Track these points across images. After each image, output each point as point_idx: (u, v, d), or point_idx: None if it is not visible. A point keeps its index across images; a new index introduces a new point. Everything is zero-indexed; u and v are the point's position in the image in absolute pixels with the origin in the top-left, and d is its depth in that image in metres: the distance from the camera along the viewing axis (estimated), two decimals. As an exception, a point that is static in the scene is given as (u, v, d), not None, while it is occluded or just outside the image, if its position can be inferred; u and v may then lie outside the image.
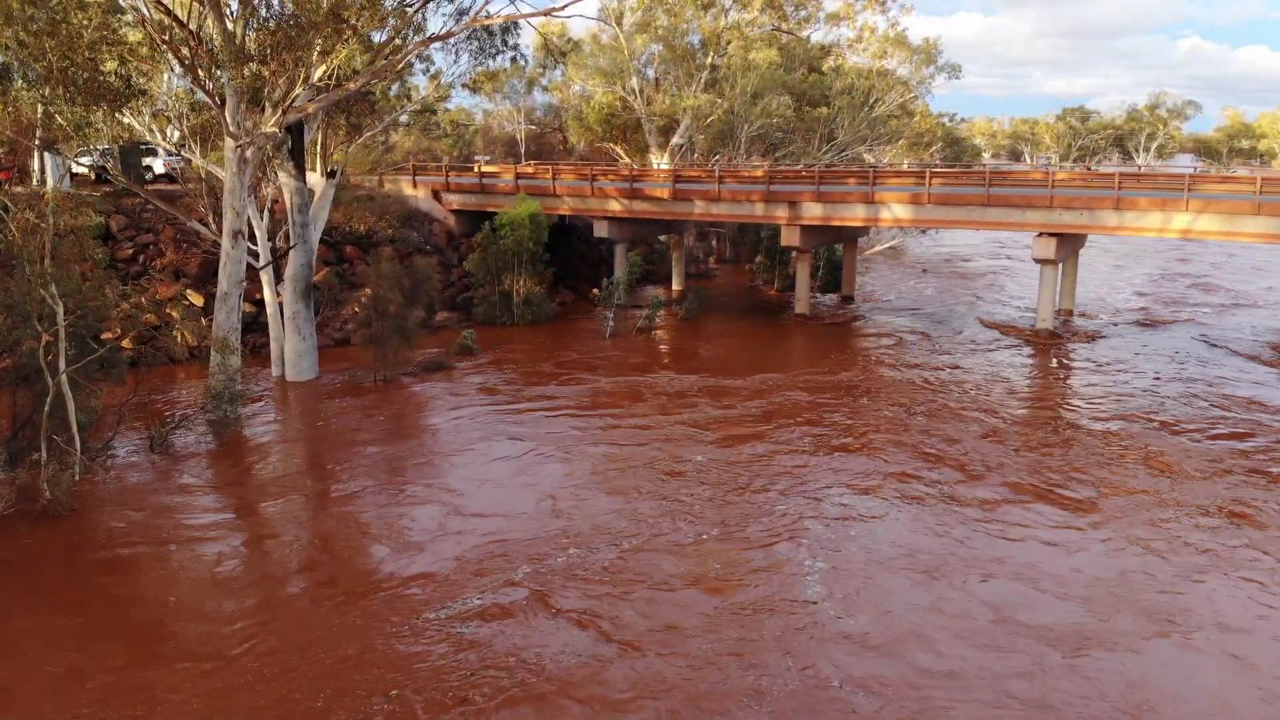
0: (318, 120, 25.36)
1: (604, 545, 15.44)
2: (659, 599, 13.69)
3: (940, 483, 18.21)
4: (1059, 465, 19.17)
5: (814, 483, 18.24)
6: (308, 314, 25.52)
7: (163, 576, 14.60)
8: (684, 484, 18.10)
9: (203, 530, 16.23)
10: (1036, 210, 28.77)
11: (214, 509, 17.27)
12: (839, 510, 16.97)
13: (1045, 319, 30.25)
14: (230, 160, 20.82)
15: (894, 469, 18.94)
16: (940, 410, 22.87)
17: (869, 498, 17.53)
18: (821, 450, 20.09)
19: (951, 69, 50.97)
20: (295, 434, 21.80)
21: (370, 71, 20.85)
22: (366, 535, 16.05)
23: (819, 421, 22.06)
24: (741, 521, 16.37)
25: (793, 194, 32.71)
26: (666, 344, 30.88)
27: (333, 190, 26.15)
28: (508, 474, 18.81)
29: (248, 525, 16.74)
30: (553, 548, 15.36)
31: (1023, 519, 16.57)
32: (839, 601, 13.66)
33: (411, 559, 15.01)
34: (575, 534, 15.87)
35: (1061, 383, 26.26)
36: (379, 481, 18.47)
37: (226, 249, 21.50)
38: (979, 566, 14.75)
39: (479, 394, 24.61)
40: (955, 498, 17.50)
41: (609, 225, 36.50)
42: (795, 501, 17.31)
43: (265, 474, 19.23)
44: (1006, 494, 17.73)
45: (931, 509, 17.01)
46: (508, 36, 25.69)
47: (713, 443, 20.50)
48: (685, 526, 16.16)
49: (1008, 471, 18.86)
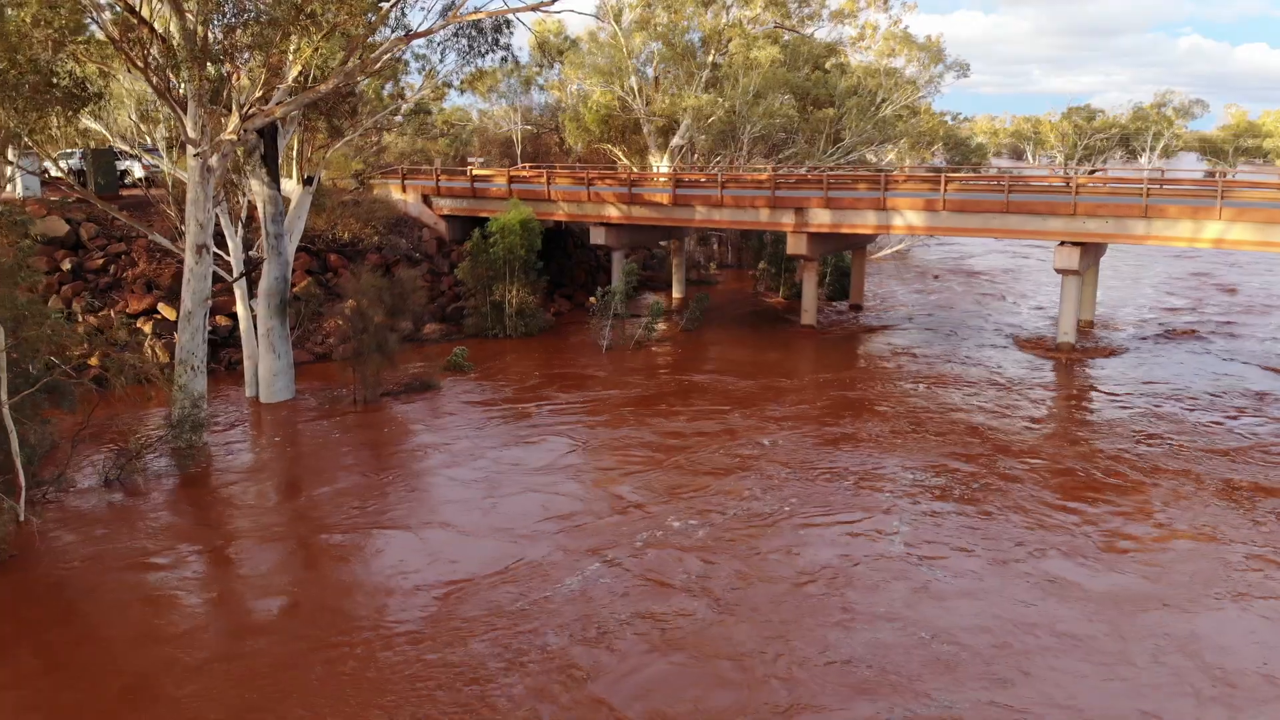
0: (293, 124, 23.70)
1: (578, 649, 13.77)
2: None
3: (1036, 560, 16.56)
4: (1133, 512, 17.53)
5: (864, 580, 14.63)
6: (283, 331, 23.88)
7: (106, 636, 12.97)
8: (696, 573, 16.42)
9: (153, 579, 14.60)
10: (1059, 218, 27.11)
11: (168, 553, 15.61)
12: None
13: (1068, 332, 28.58)
14: (193, 169, 19.17)
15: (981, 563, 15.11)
16: (988, 478, 19.58)
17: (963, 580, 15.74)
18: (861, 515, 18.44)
19: (960, 67, 49.27)
20: (265, 464, 20.14)
21: (342, 71, 19.18)
22: (339, 588, 14.42)
23: (847, 472, 20.41)
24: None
25: (799, 200, 31.04)
26: (666, 360, 29.19)
27: (309, 198, 24.51)
28: (488, 524, 17.18)
29: (207, 573, 15.08)
30: (517, 626, 13.72)
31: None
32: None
33: (393, 607, 13.38)
34: (545, 614, 14.14)
35: (1097, 407, 24.45)
36: (352, 523, 16.82)
37: (190, 264, 19.86)
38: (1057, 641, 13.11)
39: (464, 420, 22.95)
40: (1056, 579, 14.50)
41: (606, 232, 34.86)
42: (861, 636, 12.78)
43: (229, 513, 17.58)
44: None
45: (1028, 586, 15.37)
46: (499, 35, 24.02)
47: (721, 505, 18.86)
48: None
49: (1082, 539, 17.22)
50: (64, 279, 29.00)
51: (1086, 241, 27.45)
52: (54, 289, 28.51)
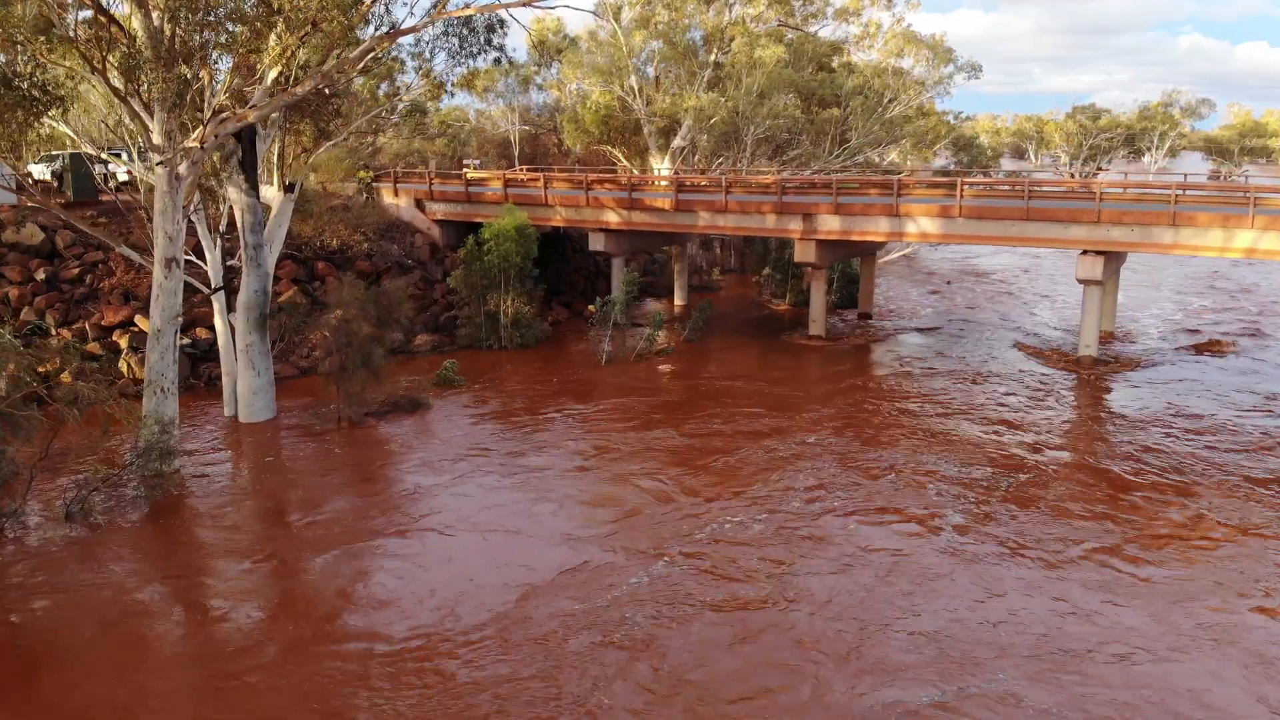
0: (274, 127, 22.36)
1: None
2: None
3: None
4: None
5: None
6: (263, 346, 22.55)
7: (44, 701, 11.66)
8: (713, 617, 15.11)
9: (110, 632, 13.29)
10: (1082, 226, 25.75)
11: (126, 599, 14.31)
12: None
13: (1089, 345, 27.23)
14: (160, 177, 17.83)
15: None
16: (1031, 498, 18.28)
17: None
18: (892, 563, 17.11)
19: (971, 68, 47.87)
20: (240, 493, 18.78)
21: (320, 72, 17.85)
22: (329, 635, 13.10)
23: (873, 508, 19.08)
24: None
25: (808, 206, 29.67)
26: (669, 375, 27.81)
27: (291, 206, 23.18)
28: (480, 564, 15.87)
29: (169, 623, 13.77)
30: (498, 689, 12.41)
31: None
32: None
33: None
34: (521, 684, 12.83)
35: (1127, 427, 23.02)
36: (331, 564, 15.50)
37: (159, 279, 18.52)
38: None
39: (454, 443, 21.59)
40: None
41: (605, 238, 33.52)
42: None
43: (197, 552, 16.27)
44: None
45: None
46: (491, 35, 22.70)
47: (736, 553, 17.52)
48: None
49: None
50: (38, 289, 27.68)
51: (1110, 250, 26.12)
52: (27, 300, 27.21)
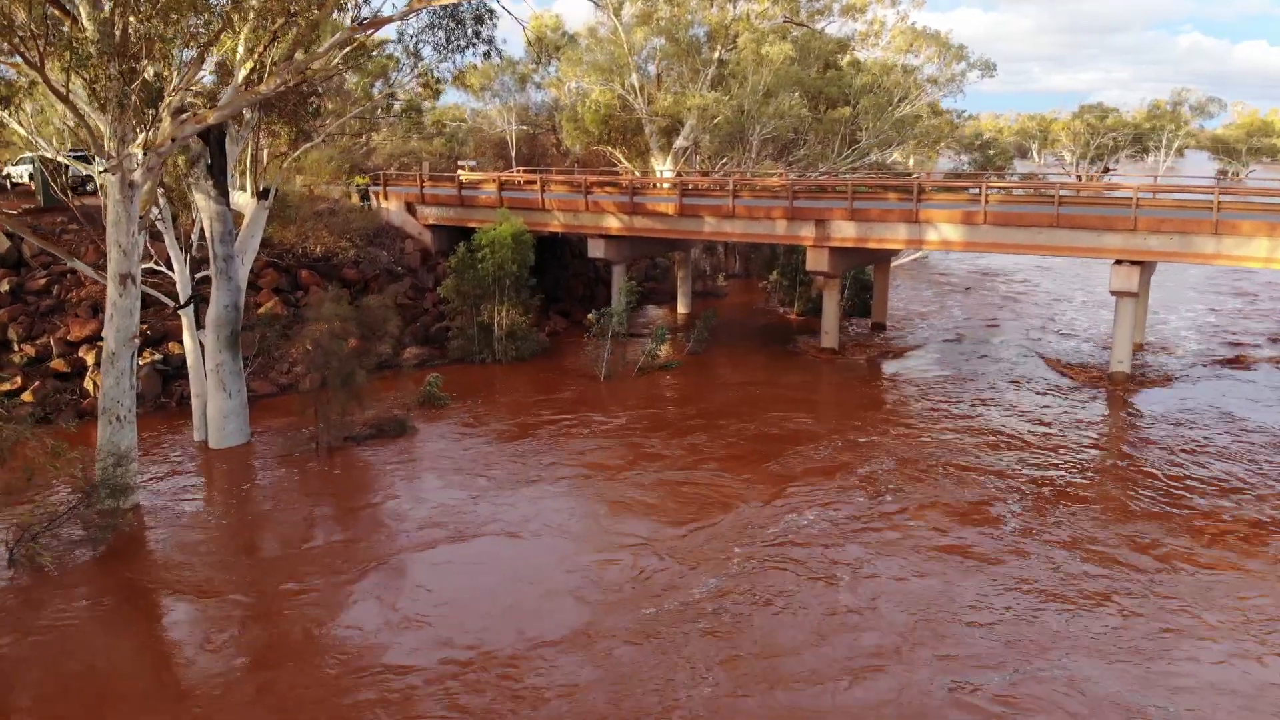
0: (247, 128, 20.63)
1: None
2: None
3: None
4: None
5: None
6: (234, 366, 20.82)
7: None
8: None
9: (62, 684, 11.56)
10: (1116, 234, 24.01)
11: (63, 670, 12.59)
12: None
13: (1122, 360, 25.49)
14: (112, 185, 16.10)
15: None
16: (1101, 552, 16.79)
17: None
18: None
19: (984, 65, 46.08)
20: (204, 532, 17.01)
21: (287, 68, 16.12)
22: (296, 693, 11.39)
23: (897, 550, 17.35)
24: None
25: (820, 211, 27.92)
26: (673, 393, 26.04)
27: (265, 213, 21.44)
28: (471, 616, 14.15)
29: (126, 672, 12.04)
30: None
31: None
32: None
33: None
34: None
35: (1168, 451, 21.29)
36: (308, 622, 13.79)
37: (113, 297, 16.80)
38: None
39: (440, 471, 19.86)
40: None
41: (605, 244, 31.80)
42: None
43: (152, 603, 14.55)
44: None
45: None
46: (479, 27, 20.97)
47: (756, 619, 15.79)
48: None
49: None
50: (1, 301, 25.98)
51: (1145, 260, 24.39)
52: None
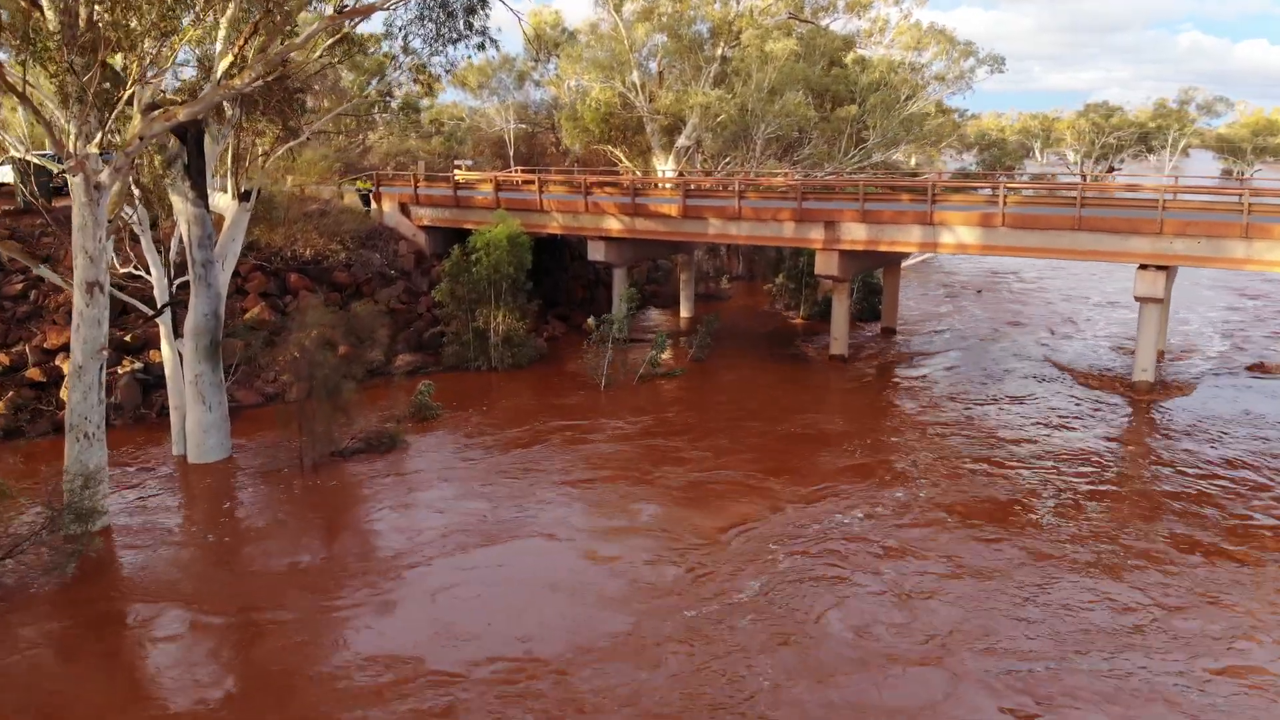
0: (228, 126, 19.51)
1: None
2: None
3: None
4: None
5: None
6: (214, 377, 19.71)
7: None
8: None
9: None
10: (1142, 237, 22.89)
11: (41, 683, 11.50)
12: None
13: (1146, 368, 24.38)
14: (76, 187, 15.01)
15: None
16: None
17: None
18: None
19: (994, 61, 45.01)
20: (178, 558, 15.89)
21: (264, 59, 15.02)
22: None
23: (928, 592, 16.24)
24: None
25: (830, 213, 26.79)
26: (676, 402, 24.90)
27: (247, 216, 20.34)
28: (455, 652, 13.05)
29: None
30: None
31: None
32: None
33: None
34: None
35: (1205, 466, 20.26)
36: (291, 653, 12.69)
37: (79, 307, 15.71)
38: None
39: (432, 491, 18.76)
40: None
41: (606, 247, 30.70)
42: None
43: (116, 637, 13.45)
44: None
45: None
46: (471, 18, 19.87)
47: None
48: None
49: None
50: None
51: (1172, 265, 23.29)
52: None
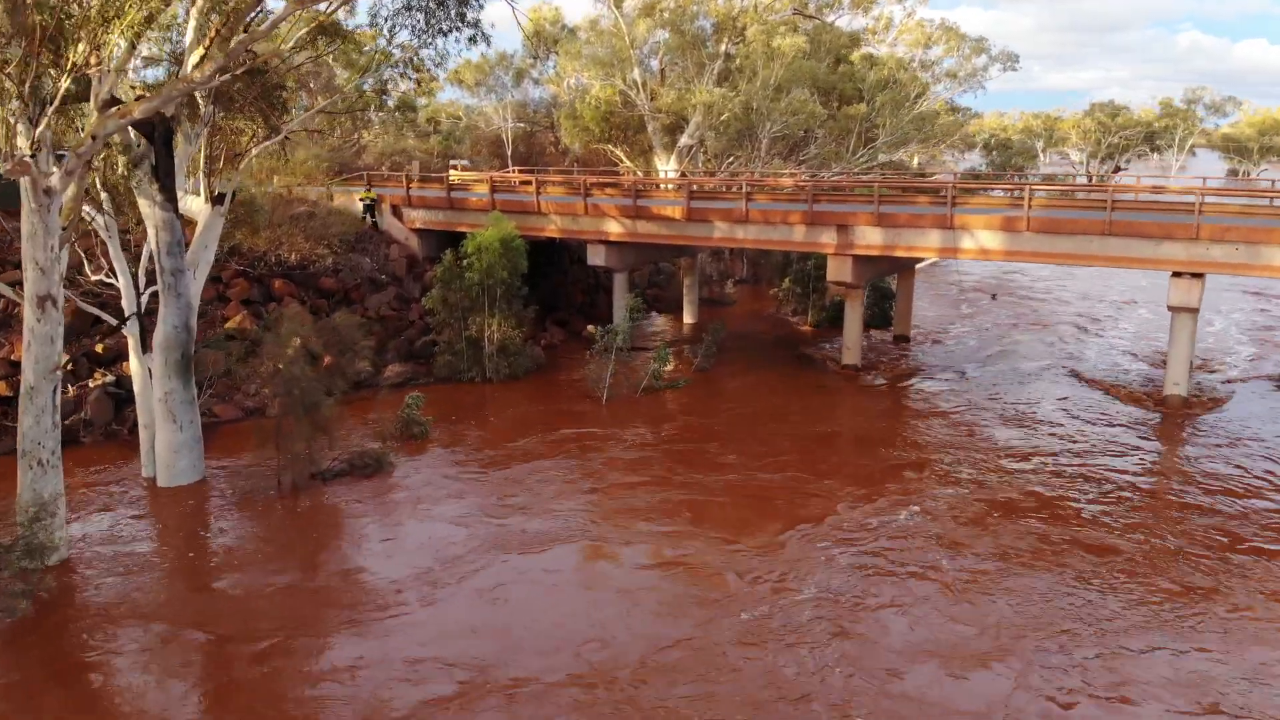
0: (201, 124, 18.12)
1: None
2: None
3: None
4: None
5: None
6: (186, 394, 18.33)
7: None
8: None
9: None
10: (1177, 243, 21.54)
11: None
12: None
13: (1179, 382, 23.01)
14: (26, 194, 13.65)
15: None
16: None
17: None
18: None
19: (1007, 58, 43.67)
20: (141, 600, 14.44)
21: (226, 53, 13.68)
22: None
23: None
24: None
25: (843, 216, 25.41)
26: (680, 419, 23.52)
27: (221, 221, 18.96)
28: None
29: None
30: None
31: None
32: None
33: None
34: None
35: (1253, 477, 18.96)
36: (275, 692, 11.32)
37: (30, 323, 14.34)
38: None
39: (420, 518, 17.40)
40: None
41: (606, 251, 29.34)
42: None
43: (69, 689, 12.09)
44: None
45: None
46: (464, 8, 18.53)
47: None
48: None
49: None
50: None
51: (1207, 272, 21.93)
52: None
